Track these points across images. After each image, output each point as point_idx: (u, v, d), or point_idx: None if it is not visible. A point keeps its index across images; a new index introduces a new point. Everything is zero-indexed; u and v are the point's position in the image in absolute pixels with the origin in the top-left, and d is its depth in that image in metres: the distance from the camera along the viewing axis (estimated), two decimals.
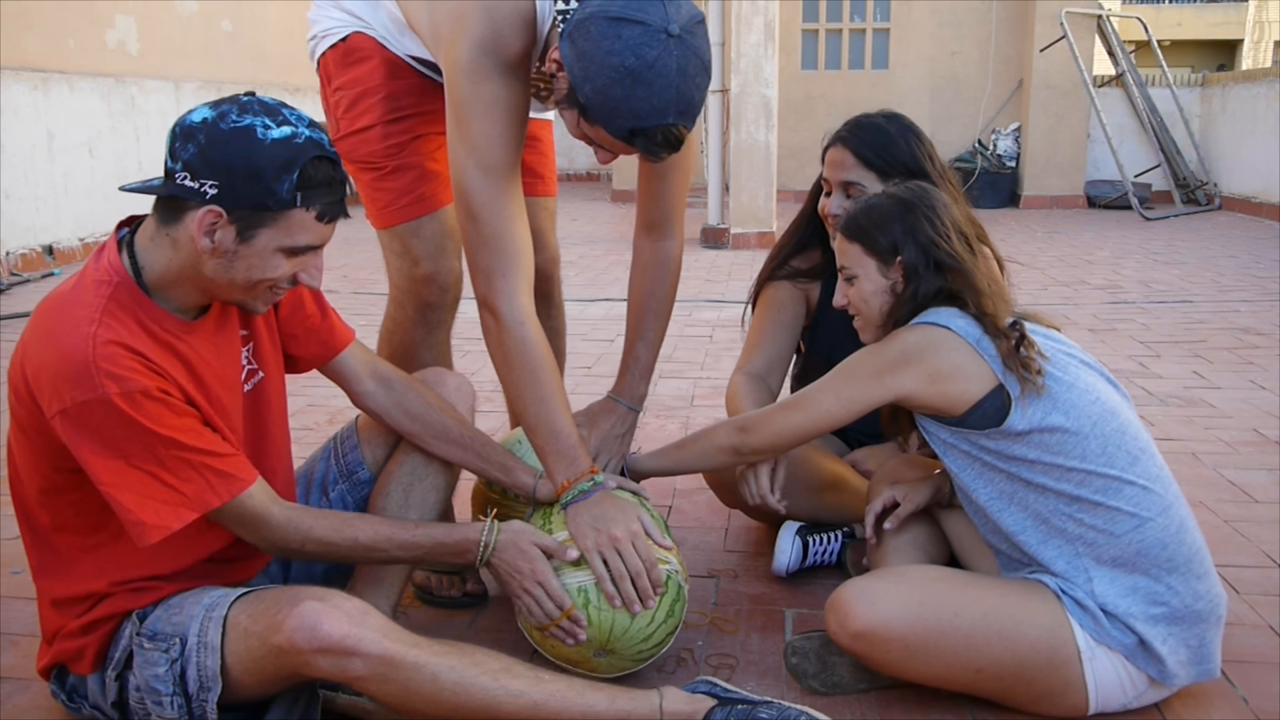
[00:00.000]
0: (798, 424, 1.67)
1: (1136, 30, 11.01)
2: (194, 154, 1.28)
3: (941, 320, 1.56)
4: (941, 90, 10.23)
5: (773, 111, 7.04)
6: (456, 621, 1.89)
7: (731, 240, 7.14)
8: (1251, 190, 8.79)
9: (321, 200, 1.34)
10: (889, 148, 1.95)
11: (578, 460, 1.64)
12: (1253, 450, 2.81)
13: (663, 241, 1.91)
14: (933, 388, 1.54)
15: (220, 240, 1.32)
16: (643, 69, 1.40)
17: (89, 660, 1.46)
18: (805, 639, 1.68)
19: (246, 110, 1.30)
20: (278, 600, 1.36)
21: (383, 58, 1.85)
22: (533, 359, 1.63)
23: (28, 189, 6.01)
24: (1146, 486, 1.51)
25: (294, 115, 1.33)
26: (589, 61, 1.43)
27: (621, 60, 1.40)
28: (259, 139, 1.28)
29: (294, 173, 1.29)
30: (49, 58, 6.22)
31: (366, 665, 1.31)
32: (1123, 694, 1.52)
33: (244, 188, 1.29)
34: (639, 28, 1.40)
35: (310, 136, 1.32)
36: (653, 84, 1.42)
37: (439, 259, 1.90)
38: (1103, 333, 4.33)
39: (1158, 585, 1.50)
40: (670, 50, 1.41)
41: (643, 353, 1.93)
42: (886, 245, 1.61)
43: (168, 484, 1.33)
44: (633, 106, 1.43)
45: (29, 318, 1.38)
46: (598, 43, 1.41)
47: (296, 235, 1.35)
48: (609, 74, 1.41)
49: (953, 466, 1.61)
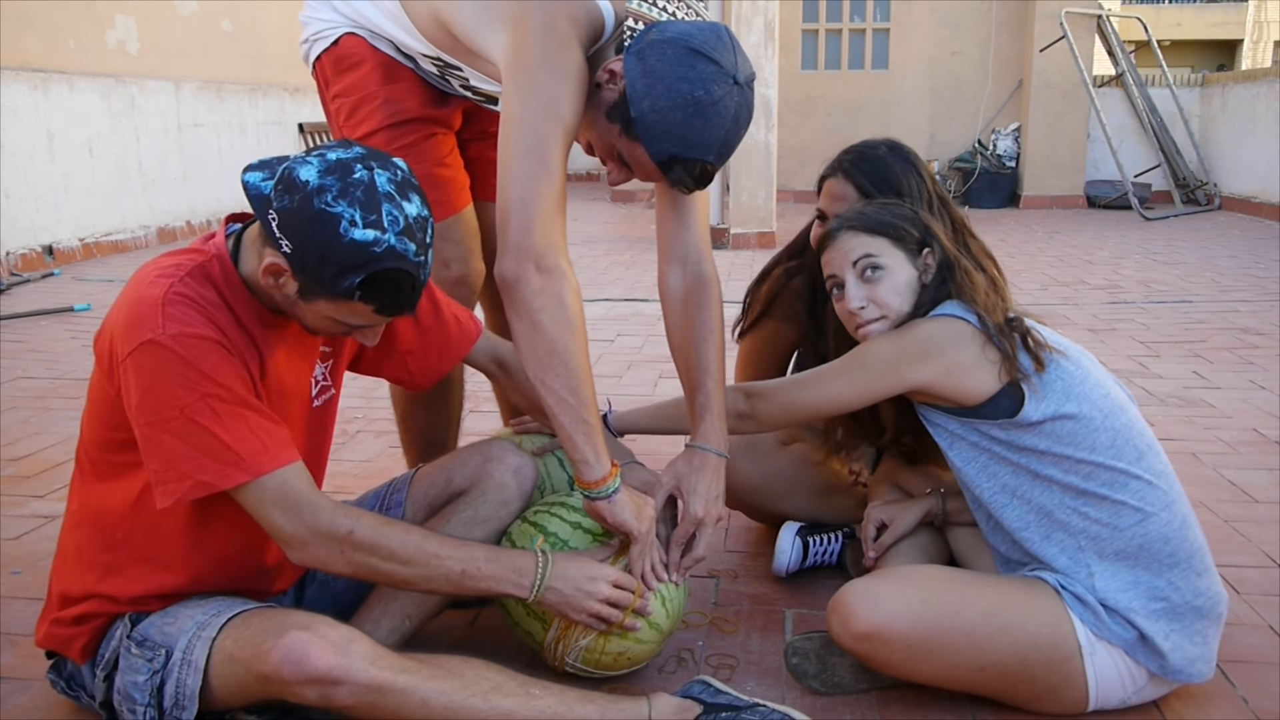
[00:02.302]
0: (806, 402, 1.65)
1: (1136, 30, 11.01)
2: (286, 208, 1.29)
3: (958, 313, 1.56)
4: (941, 90, 10.23)
5: (773, 111, 7.04)
6: (457, 622, 1.89)
7: (731, 240, 7.14)
8: (1251, 190, 8.79)
9: (383, 301, 1.33)
10: (891, 182, 1.85)
11: (601, 459, 1.52)
12: (1253, 450, 2.81)
13: (697, 265, 1.74)
14: (951, 380, 1.53)
15: (282, 285, 1.34)
16: (707, 103, 1.43)
17: (77, 651, 1.46)
18: (805, 639, 1.68)
19: (345, 195, 1.27)
20: (264, 629, 1.34)
21: (376, 61, 1.83)
22: (575, 326, 1.48)
23: (28, 189, 6.00)
24: (1151, 482, 1.52)
25: (391, 216, 1.28)
26: (656, 80, 1.44)
27: (691, 89, 1.43)
28: (339, 234, 1.26)
29: (359, 276, 1.28)
30: (49, 58, 6.22)
31: (354, 694, 1.29)
32: (1122, 689, 1.52)
33: (311, 266, 1.29)
34: (713, 66, 1.44)
35: (393, 246, 1.28)
36: (710, 120, 1.44)
37: (469, 261, 1.90)
38: (1103, 333, 4.33)
39: (1159, 581, 1.50)
40: (733, 96, 1.45)
41: (711, 387, 1.68)
42: (916, 235, 1.62)
43: (221, 440, 1.30)
44: (685, 134, 1.45)
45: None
46: (672, 67, 1.43)
47: (350, 318, 1.36)
48: (674, 98, 1.43)
49: (958, 460, 1.60)
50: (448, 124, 1.92)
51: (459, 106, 1.94)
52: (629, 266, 6.25)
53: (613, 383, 3.59)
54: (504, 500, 1.63)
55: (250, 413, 1.33)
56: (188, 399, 1.29)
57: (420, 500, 1.68)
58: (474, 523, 1.61)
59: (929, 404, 1.60)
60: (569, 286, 1.47)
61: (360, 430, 3.07)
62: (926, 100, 10.27)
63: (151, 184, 7.09)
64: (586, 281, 5.69)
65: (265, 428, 1.35)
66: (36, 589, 1.97)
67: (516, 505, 1.65)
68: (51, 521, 2.34)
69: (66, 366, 3.81)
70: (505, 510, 1.63)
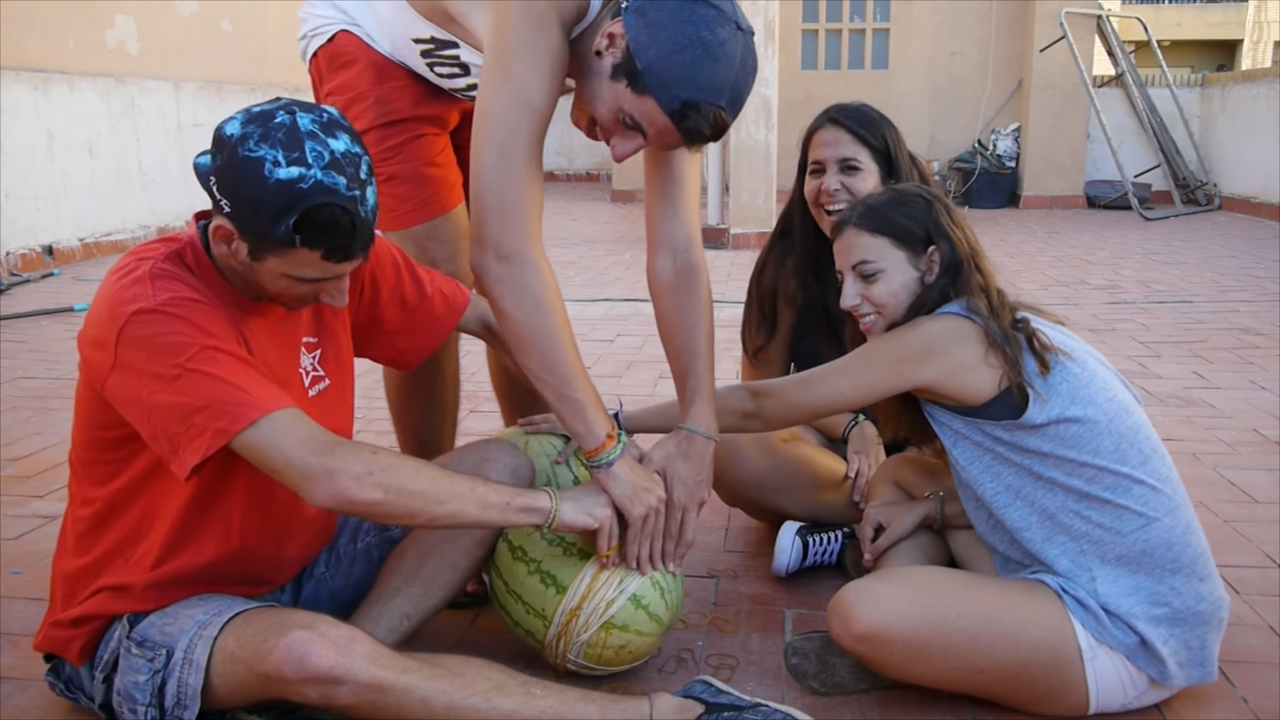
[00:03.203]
0: (810, 401, 1.66)
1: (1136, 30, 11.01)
2: (218, 167, 1.29)
3: (963, 311, 1.56)
4: (941, 90, 10.23)
5: (773, 111, 7.05)
6: (457, 622, 1.89)
7: (731, 240, 7.15)
8: (1251, 190, 8.79)
9: (327, 243, 1.31)
10: (877, 126, 2.05)
11: (593, 430, 1.54)
12: (1253, 450, 2.81)
13: (686, 254, 1.73)
14: (953, 380, 1.53)
15: (236, 251, 1.34)
16: (714, 44, 1.42)
17: (75, 653, 1.46)
18: (805, 639, 1.68)
19: (267, 138, 1.26)
20: (266, 628, 1.34)
21: (369, 60, 1.83)
22: (554, 312, 1.52)
23: (28, 189, 6.00)
24: (1155, 486, 1.51)
25: (314, 151, 1.27)
26: (659, 29, 1.42)
27: (696, 30, 1.41)
28: (264, 176, 1.25)
29: (292, 217, 1.26)
30: (49, 58, 6.22)
31: (355, 693, 1.29)
32: (1123, 694, 1.52)
33: (248, 218, 1.29)
34: (714, 10, 1.42)
35: (320, 181, 1.26)
36: (719, 60, 1.42)
37: (458, 260, 1.90)
38: (1103, 333, 4.33)
39: (1161, 586, 1.50)
40: (738, 39, 1.44)
41: (701, 371, 1.69)
42: (921, 234, 1.60)
43: (234, 384, 1.29)
44: (695, 76, 1.42)
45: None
46: (673, 14, 1.42)
47: (302, 270, 1.34)
48: (680, 40, 1.41)
49: (962, 459, 1.60)
50: (441, 123, 1.92)
51: (454, 105, 1.93)
52: (629, 267, 6.24)
53: (613, 382, 3.59)
54: None
55: (249, 367, 1.33)
56: (188, 352, 1.28)
57: None
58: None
59: (934, 402, 1.60)
60: (532, 270, 1.49)
61: (361, 430, 3.07)
62: (926, 100, 10.27)
63: (151, 184, 7.08)
64: (587, 281, 5.69)
65: (265, 379, 1.34)
66: (37, 589, 1.97)
67: None
68: (51, 522, 2.34)
69: (66, 366, 3.81)
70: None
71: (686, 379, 1.71)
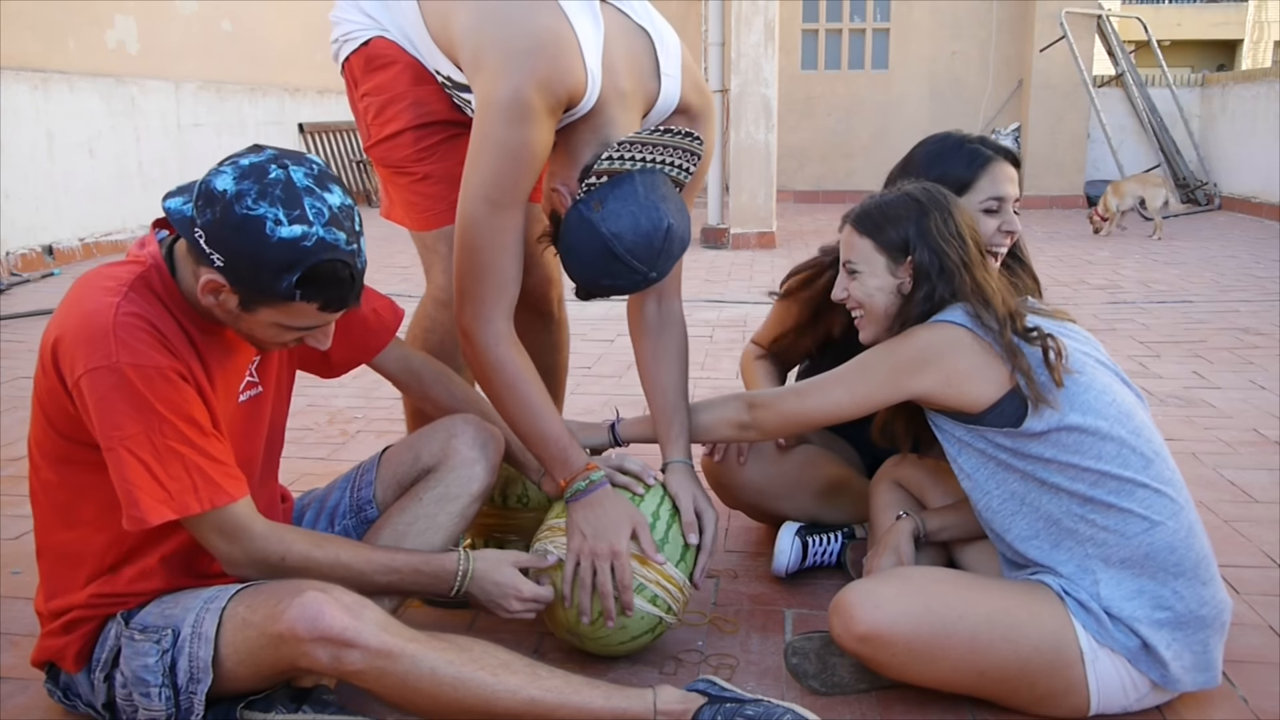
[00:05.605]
0: (807, 412, 1.67)
1: (1136, 30, 11.02)
2: (210, 222, 1.28)
3: (959, 320, 1.55)
4: (941, 90, 10.24)
5: (773, 111, 7.05)
6: (456, 622, 1.89)
7: (731, 240, 7.14)
8: (1251, 190, 8.80)
9: (325, 296, 1.32)
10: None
11: (570, 460, 1.68)
12: (1253, 450, 2.81)
13: (667, 303, 1.87)
14: (950, 389, 1.53)
15: (224, 302, 1.34)
16: (609, 286, 1.61)
17: (71, 658, 1.46)
18: (805, 639, 1.68)
19: (265, 195, 1.26)
20: (279, 590, 1.37)
21: (406, 63, 1.84)
22: (509, 374, 1.66)
23: (28, 189, 6.01)
24: (1159, 490, 1.51)
25: (315, 209, 1.28)
26: (572, 254, 1.59)
27: (598, 278, 1.59)
28: (266, 235, 1.25)
29: (295, 274, 1.27)
30: (49, 58, 6.23)
31: (365, 658, 1.31)
32: (1124, 696, 1.52)
33: (247, 274, 1.29)
34: (624, 269, 1.55)
35: (322, 238, 1.27)
36: (615, 283, 1.60)
37: None
38: (1103, 333, 4.33)
39: (1163, 589, 1.49)
40: (639, 282, 1.59)
41: (676, 400, 1.81)
42: (898, 242, 1.61)
43: (156, 477, 1.31)
44: (594, 278, 1.61)
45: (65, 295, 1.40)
46: (588, 256, 1.56)
47: (297, 320, 1.36)
48: (586, 272, 1.59)
49: (966, 466, 1.60)
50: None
51: None
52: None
53: (613, 382, 3.59)
54: (472, 475, 1.67)
55: (190, 450, 1.33)
56: (132, 430, 1.30)
57: (389, 479, 1.72)
58: (445, 499, 1.65)
59: (936, 410, 1.60)
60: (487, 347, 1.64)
61: (360, 430, 3.07)
62: (926, 100, 10.27)
63: (151, 184, 7.08)
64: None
65: (204, 465, 1.35)
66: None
67: (485, 477, 1.68)
68: None
69: None
70: (474, 484, 1.67)
71: (674, 416, 1.80)
